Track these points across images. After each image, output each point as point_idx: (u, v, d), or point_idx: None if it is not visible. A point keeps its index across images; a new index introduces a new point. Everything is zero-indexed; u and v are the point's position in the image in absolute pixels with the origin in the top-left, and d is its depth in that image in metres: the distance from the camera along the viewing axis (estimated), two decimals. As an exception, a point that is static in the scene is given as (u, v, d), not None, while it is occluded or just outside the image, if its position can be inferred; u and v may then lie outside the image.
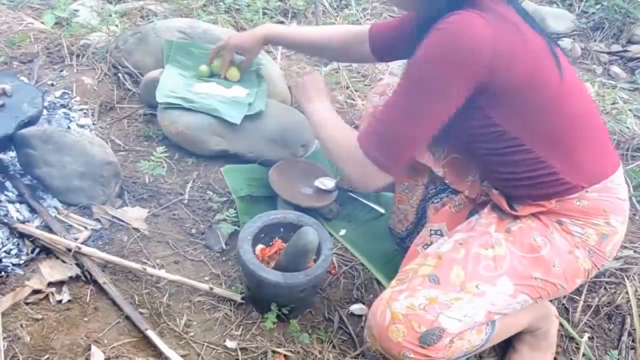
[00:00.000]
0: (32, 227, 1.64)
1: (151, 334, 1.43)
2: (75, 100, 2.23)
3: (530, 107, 1.20)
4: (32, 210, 1.71)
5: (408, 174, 1.63)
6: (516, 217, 1.31)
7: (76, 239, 1.63)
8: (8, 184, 1.76)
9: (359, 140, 1.27)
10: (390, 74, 2.72)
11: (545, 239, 1.27)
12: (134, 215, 1.79)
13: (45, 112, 2.04)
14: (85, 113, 2.19)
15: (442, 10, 1.16)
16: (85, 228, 1.71)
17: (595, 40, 3.41)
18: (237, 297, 1.57)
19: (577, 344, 1.59)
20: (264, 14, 3.12)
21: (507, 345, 1.51)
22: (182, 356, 1.41)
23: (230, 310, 1.56)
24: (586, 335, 1.56)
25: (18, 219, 1.66)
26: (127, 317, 1.49)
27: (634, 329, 1.64)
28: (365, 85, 2.70)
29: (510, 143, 1.24)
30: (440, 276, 1.23)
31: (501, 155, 1.26)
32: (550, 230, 1.28)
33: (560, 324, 1.57)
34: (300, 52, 2.21)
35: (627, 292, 1.70)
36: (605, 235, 1.29)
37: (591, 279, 1.52)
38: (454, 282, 1.22)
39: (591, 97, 1.35)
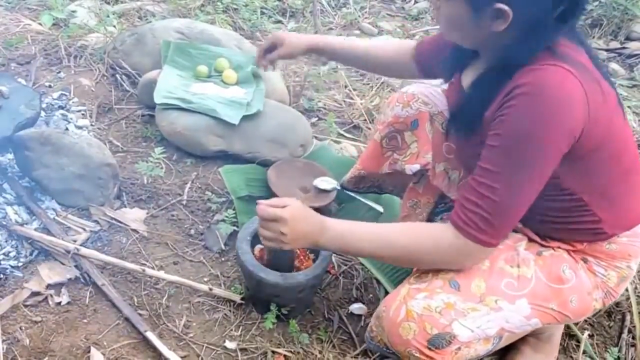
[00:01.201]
0: (31, 229, 1.63)
1: (151, 335, 1.43)
2: (73, 102, 2.23)
3: (594, 163, 1.17)
4: (31, 213, 1.71)
5: (420, 192, 1.60)
6: (546, 245, 1.29)
7: (75, 241, 1.63)
8: (6, 186, 1.76)
9: (459, 229, 1.15)
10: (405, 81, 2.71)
11: (573, 273, 1.26)
12: (133, 216, 1.79)
13: (43, 113, 2.04)
14: (83, 114, 2.19)
15: (518, 58, 1.10)
16: (84, 230, 1.71)
17: (593, 37, 3.40)
18: (237, 298, 1.57)
19: (577, 341, 1.59)
20: (262, 13, 3.12)
21: (509, 345, 1.51)
22: (181, 357, 1.41)
23: (230, 311, 1.56)
24: (586, 333, 1.56)
25: (16, 221, 1.66)
26: (127, 319, 1.48)
27: (634, 326, 1.64)
28: (364, 84, 2.70)
29: (562, 192, 1.19)
30: (462, 283, 1.21)
31: (547, 200, 1.18)
32: (579, 266, 1.27)
33: (561, 322, 1.57)
34: (344, 63, 2.05)
35: (627, 290, 1.69)
36: (624, 278, 1.29)
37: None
38: (474, 292, 1.20)
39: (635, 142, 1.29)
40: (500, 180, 1.11)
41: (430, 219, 1.58)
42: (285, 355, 1.46)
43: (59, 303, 1.51)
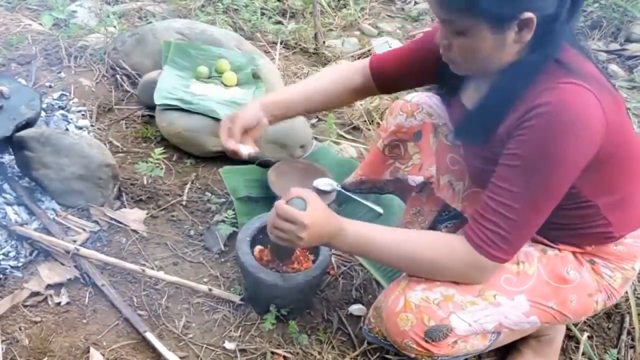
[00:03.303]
0: (31, 230, 1.63)
1: (150, 335, 1.43)
2: (73, 102, 2.23)
3: (610, 169, 1.17)
4: (31, 213, 1.71)
5: (423, 200, 1.58)
6: (553, 246, 1.29)
7: (74, 241, 1.63)
8: (6, 186, 1.76)
9: (476, 246, 1.14)
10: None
11: (577, 274, 1.26)
12: (133, 216, 1.79)
13: (43, 114, 2.04)
14: (83, 115, 2.19)
15: (533, 67, 1.09)
16: (84, 230, 1.71)
17: (593, 39, 3.41)
18: (236, 298, 1.57)
19: (577, 342, 1.59)
20: (262, 14, 3.12)
21: (509, 345, 1.51)
22: (181, 358, 1.41)
23: (229, 312, 1.56)
24: (586, 334, 1.56)
25: (16, 221, 1.66)
26: (126, 319, 1.48)
27: (633, 328, 1.65)
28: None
29: (578, 200, 1.19)
30: None
31: (563, 209, 1.17)
32: (584, 269, 1.27)
33: (560, 324, 1.57)
34: (302, 112, 1.60)
35: (626, 292, 1.69)
36: (628, 279, 1.30)
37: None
38: (473, 286, 1.21)
39: None
40: (520, 200, 1.10)
41: (433, 226, 1.57)
42: (284, 356, 1.46)
43: (59, 303, 1.51)
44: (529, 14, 1.02)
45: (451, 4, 1.05)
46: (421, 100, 1.50)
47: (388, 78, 1.46)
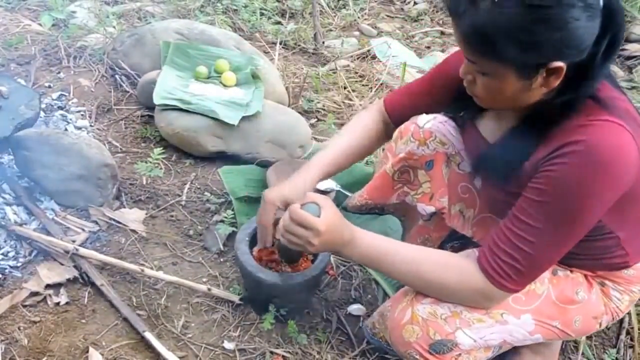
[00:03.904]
0: (30, 230, 1.63)
1: (149, 335, 1.43)
2: (72, 102, 2.23)
3: (631, 201, 1.13)
4: (30, 213, 1.71)
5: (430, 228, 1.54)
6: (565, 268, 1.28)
7: (74, 241, 1.63)
8: (5, 186, 1.76)
9: (489, 277, 1.12)
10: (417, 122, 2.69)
11: (585, 296, 1.25)
12: (132, 217, 1.79)
13: (42, 114, 2.04)
14: (82, 115, 2.19)
15: (566, 108, 1.05)
16: (83, 230, 1.71)
17: (592, 39, 3.41)
18: (235, 298, 1.57)
19: (575, 342, 1.59)
20: (262, 14, 3.12)
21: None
22: (180, 358, 1.41)
23: (228, 312, 1.56)
24: (584, 335, 1.56)
25: (15, 222, 1.66)
26: (125, 319, 1.48)
27: (632, 328, 1.65)
28: (363, 85, 2.71)
29: (601, 232, 1.16)
30: None
31: (584, 240, 1.13)
32: (593, 291, 1.27)
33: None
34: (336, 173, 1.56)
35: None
36: (633, 302, 1.30)
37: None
38: None
39: None
40: (539, 235, 1.08)
41: (439, 246, 1.53)
42: (283, 356, 1.46)
43: (58, 303, 1.51)
44: (557, 63, 0.99)
45: (476, 47, 1.02)
46: (434, 127, 1.38)
47: (404, 115, 1.45)
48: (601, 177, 1.01)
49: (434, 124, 1.39)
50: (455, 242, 1.52)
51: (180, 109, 2.05)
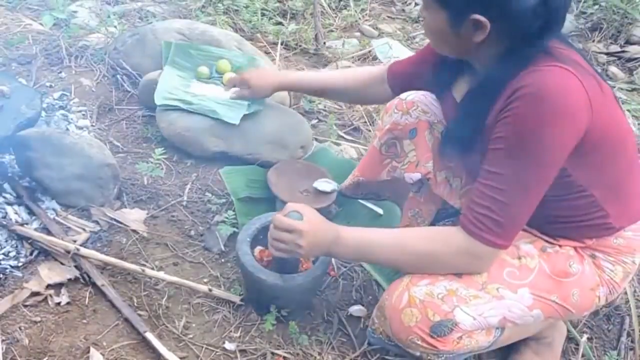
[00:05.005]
0: (31, 229, 1.63)
1: (150, 336, 1.43)
2: (73, 102, 2.23)
3: (603, 155, 1.18)
4: (31, 212, 1.71)
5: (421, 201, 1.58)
6: (553, 243, 1.30)
7: (75, 241, 1.63)
8: (6, 186, 1.76)
9: (470, 232, 1.16)
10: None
11: (580, 267, 1.27)
12: (133, 217, 1.79)
13: (43, 113, 2.04)
14: (83, 115, 2.19)
15: (506, 71, 1.12)
16: (84, 230, 1.71)
17: (593, 41, 3.41)
18: (236, 299, 1.57)
19: (576, 344, 1.59)
20: (263, 14, 3.12)
21: (510, 347, 1.51)
22: (181, 358, 1.41)
23: (229, 312, 1.56)
24: (585, 336, 1.56)
25: (16, 221, 1.66)
26: (126, 319, 1.48)
27: (632, 330, 1.65)
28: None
29: (574, 189, 1.20)
30: None
31: (560, 200, 1.21)
32: (586, 263, 1.28)
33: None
34: (316, 96, 2.21)
35: (625, 293, 1.70)
36: (628, 273, 1.31)
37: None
38: (476, 280, 1.22)
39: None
40: (507, 181, 1.12)
41: (431, 225, 1.57)
42: (284, 357, 1.46)
43: (59, 303, 1.51)
44: (479, 17, 1.09)
45: None
46: (416, 98, 1.52)
47: (401, 75, 1.60)
48: (550, 116, 1.06)
49: (416, 95, 1.52)
50: (446, 220, 1.55)
51: (182, 109, 2.05)
